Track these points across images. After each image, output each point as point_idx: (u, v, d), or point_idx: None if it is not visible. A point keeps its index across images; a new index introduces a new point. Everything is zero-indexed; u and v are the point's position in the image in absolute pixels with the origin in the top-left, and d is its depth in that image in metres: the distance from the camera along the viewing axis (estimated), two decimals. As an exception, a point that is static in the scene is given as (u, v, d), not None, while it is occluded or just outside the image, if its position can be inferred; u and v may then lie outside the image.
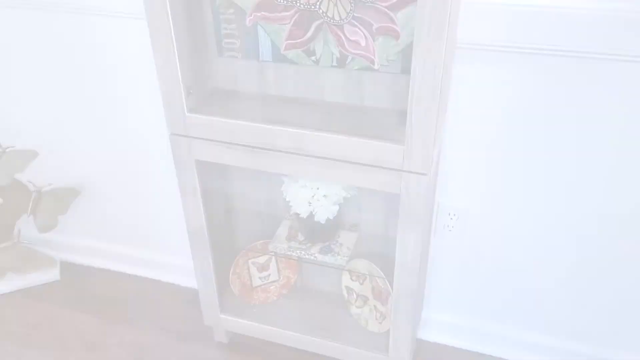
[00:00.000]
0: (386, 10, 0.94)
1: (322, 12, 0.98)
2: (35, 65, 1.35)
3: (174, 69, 0.98)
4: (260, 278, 1.40)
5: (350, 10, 0.96)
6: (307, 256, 1.21)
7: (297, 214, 1.18)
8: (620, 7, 0.90)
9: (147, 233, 1.57)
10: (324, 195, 1.12)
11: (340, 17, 0.98)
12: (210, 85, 1.16)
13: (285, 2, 0.99)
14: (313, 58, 1.04)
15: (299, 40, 1.03)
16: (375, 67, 1.01)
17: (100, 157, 1.46)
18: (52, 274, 1.62)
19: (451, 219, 1.23)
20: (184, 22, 1.02)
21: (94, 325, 1.48)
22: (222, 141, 1.04)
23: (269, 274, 1.40)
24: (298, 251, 1.21)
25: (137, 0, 1.14)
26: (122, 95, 1.33)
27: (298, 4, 0.99)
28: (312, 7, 0.98)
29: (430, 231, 1.26)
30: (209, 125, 1.03)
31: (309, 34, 1.02)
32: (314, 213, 1.13)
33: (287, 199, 1.16)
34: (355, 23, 0.98)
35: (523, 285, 1.26)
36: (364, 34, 0.98)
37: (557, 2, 0.92)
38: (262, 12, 1.02)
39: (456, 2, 0.88)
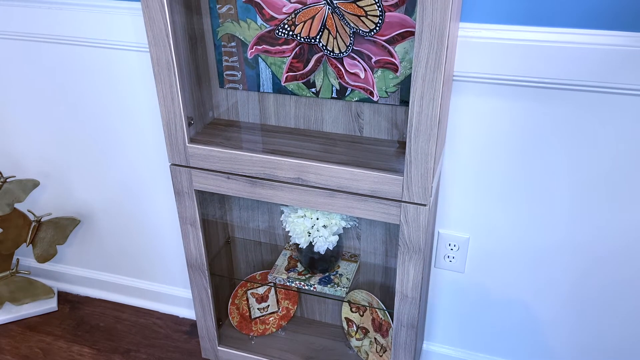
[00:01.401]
0: (385, 44, 0.96)
1: (322, 45, 1.00)
2: (37, 95, 1.37)
3: (176, 100, 0.99)
4: (259, 309, 1.38)
5: (350, 43, 0.98)
6: (306, 287, 1.20)
7: (297, 244, 1.17)
8: (610, 42, 0.91)
9: (146, 263, 1.56)
10: (324, 226, 1.11)
11: (340, 50, 0.99)
12: (211, 115, 1.17)
13: (286, 35, 1.01)
14: (313, 90, 1.06)
15: (299, 73, 1.05)
16: (375, 98, 1.03)
17: (100, 187, 1.46)
18: (50, 304, 1.60)
19: (451, 249, 1.23)
20: (186, 54, 1.04)
21: (92, 356, 1.45)
22: (222, 171, 1.05)
23: (268, 305, 1.38)
24: (297, 282, 1.20)
25: (139, 33, 1.17)
26: (123, 125, 1.34)
27: (298, 38, 1.01)
28: (313, 40, 1.00)
29: (431, 262, 1.26)
30: (209, 155, 1.04)
31: (309, 66, 1.03)
32: (313, 243, 1.13)
33: (286, 229, 1.15)
34: (355, 56, 0.99)
35: (526, 317, 1.25)
36: (363, 66, 1.00)
37: (549, 37, 0.94)
38: (264, 46, 1.04)
39: (453, 36, 0.89)
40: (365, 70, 1.00)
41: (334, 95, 1.05)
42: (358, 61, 1.00)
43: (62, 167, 1.47)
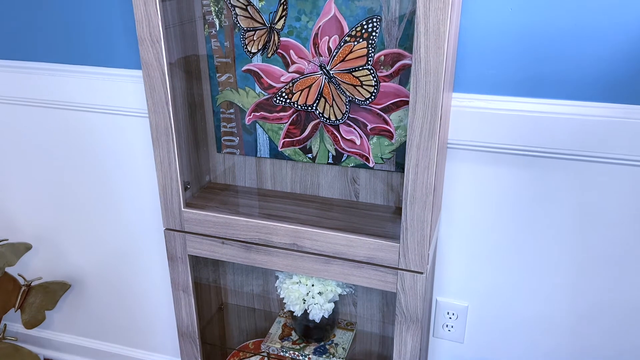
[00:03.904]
0: (380, 112, 0.98)
1: (319, 113, 1.02)
2: (33, 158, 1.38)
3: (173, 165, 1.00)
4: (251, 380, 1.33)
5: (346, 111, 1.00)
6: (300, 357, 1.16)
7: (291, 312, 1.15)
8: (599, 113, 0.94)
9: (136, 330, 1.51)
10: (319, 293, 1.09)
11: (336, 117, 1.01)
12: (208, 179, 1.17)
13: (283, 103, 1.03)
14: (309, 155, 1.07)
15: (296, 139, 1.06)
16: (370, 165, 1.03)
17: (92, 250, 1.45)
18: (34, 373, 1.54)
19: (450, 318, 1.20)
20: (185, 120, 1.06)
21: None
22: (217, 236, 1.04)
23: (261, 376, 1.33)
24: (291, 352, 1.16)
25: (140, 99, 1.19)
26: (119, 189, 1.34)
27: (296, 106, 1.03)
28: (309, 108, 1.02)
29: (429, 331, 1.22)
30: (204, 220, 1.03)
31: (306, 132, 1.05)
32: (308, 311, 1.10)
33: (281, 296, 1.13)
34: (351, 123, 1.01)
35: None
36: (359, 133, 1.02)
37: (540, 108, 0.97)
38: (262, 112, 1.06)
39: (446, 105, 0.91)
40: (360, 137, 1.02)
41: (330, 160, 1.06)
42: (354, 128, 1.02)
43: (55, 230, 1.46)
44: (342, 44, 0.95)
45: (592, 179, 0.99)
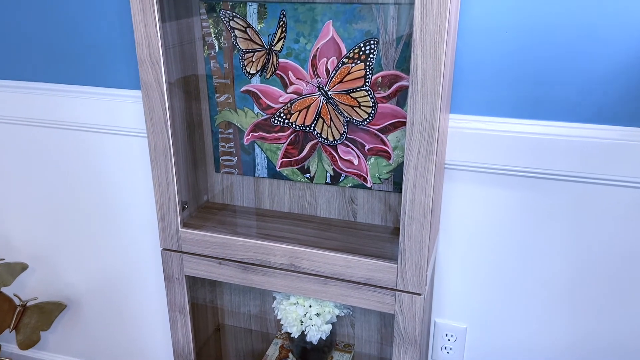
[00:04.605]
0: (377, 132, 0.99)
1: (317, 133, 1.02)
2: (28, 178, 1.38)
3: (171, 185, 1.00)
4: (248, 403, 1.31)
5: (344, 132, 1.01)
6: (298, 379, 1.15)
7: (289, 333, 1.13)
8: (598, 135, 0.94)
9: (132, 352, 1.50)
10: (317, 314, 1.08)
11: (334, 138, 1.02)
12: (205, 198, 1.17)
13: (281, 123, 1.04)
14: (307, 175, 1.07)
15: (294, 159, 1.06)
16: (368, 185, 1.04)
17: (89, 270, 1.44)
18: (27, 395, 1.52)
19: (449, 339, 1.19)
20: (183, 140, 1.07)
21: None
22: (214, 257, 1.03)
23: (258, 398, 1.31)
24: (289, 373, 1.15)
25: (139, 119, 1.20)
26: (116, 209, 1.34)
27: (294, 126, 1.03)
28: (307, 128, 1.03)
29: (428, 353, 1.21)
30: (202, 240, 1.03)
31: (304, 153, 1.05)
32: (305, 333, 1.09)
33: (278, 317, 1.12)
34: (349, 144, 1.02)
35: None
36: (356, 154, 1.02)
37: (536, 129, 0.97)
38: (260, 133, 1.07)
39: (443, 126, 0.92)
40: (358, 157, 1.02)
41: (328, 180, 1.06)
42: (352, 149, 1.02)
43: (52, 249, 1.45)
44: (340, 65, 0.96)
45: (591, 201, 0.99)
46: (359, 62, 0.95)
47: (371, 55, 0.94)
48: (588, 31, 0.90)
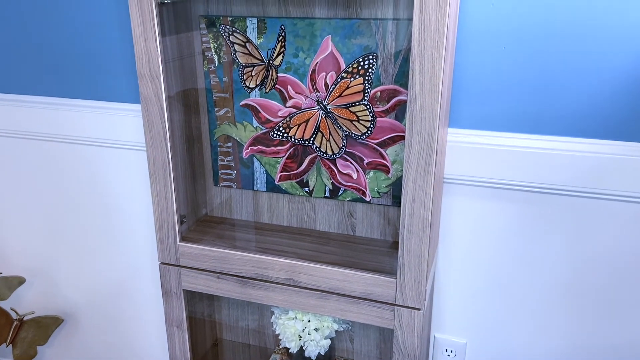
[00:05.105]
0: (376, 146, 0.99)
1: (316, 147, 1.03)
2: (26, 192, 1.38)
3: (170, 199, 1.00)
4: (246, 419, 1.30)
5: (343, 146, 1.01)
6: (296, 395, 1.14)
7: (287, 348, 1.12)
8: (596, 150, 0.94)
9: (129, 365, 1.49)
10: (315, 329, 1.07)
11: (333, 152, 1.02)
12: (204, 212, 1.17)
13: (280, 137, 1.04)
14: (306, 189, 1.07)
15: (292, 172, 1.07)
16: (367, 199, 1.04)
17: (86, 284, 1.43)
18: (23, 411, 1.50)
19: (448, 355, 1.18)
20: (182, 153, 1.07)
21: None
22: (212, 271, 1.03)
23: (256, 414, 1.30)
24: (287, 389, 1.14)
25: (138, 132, 1.20)
26: (114, 223, 1.33)
27: (293, 140, 1.03)
28: (306, 142, 1.03)
29: (428, 368, 1.20)
30: (200, 254, 1.02)
31: (303, 166, 1.05)
32: (304, 348, 1.08)
33: (276, 332, 1.11)
34: (347, 158, 1.02)
35: None
36: (355, 168, 1.02)
37: (535, 144, 0.97)
38: (259, 146, 1.07)
39: (442, 141, 0.92)
40: (357, 171, 1.02)
41: (327, 194, 1.06)
42: (350, 162, 1.02)
43: (49, 263, 1.44)
44: (339, 80, 0.96)
45: (590, 216, 0.99)
46: (357, 76, 0.95)
47: (370, 70, 0.94)
48: (586, 46, 0.90)
